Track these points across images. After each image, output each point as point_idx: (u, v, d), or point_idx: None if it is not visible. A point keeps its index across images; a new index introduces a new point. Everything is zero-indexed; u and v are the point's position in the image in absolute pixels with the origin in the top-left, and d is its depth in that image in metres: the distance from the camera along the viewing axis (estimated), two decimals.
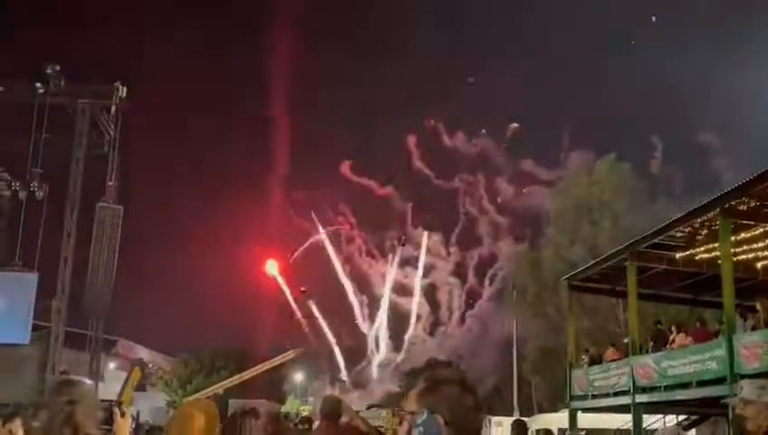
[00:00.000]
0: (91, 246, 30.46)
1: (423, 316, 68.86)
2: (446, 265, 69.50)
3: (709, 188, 27.09)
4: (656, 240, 17.46)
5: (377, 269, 71.17)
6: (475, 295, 66.92)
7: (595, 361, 20.57)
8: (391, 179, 72.24)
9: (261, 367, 29.96)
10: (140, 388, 36.40)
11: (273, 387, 40.45)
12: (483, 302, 65.01)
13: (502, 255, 61.42)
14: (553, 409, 30.29)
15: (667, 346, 17.10)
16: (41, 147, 29.58)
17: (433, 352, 56.39)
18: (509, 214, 65.69)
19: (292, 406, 41.99)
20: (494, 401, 39.77)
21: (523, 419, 16.82)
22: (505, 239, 63.42)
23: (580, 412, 20.48)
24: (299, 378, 55.90)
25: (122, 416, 3.47)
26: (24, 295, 27.82)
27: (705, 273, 18.42)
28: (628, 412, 17.99)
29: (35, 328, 28.84)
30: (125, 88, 31.49)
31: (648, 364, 16.88)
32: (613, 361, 19.38)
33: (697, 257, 18.00)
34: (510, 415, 28.84)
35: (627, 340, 19.61)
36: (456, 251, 69.41)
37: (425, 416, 2.00)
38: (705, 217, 15.85)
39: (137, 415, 27.86)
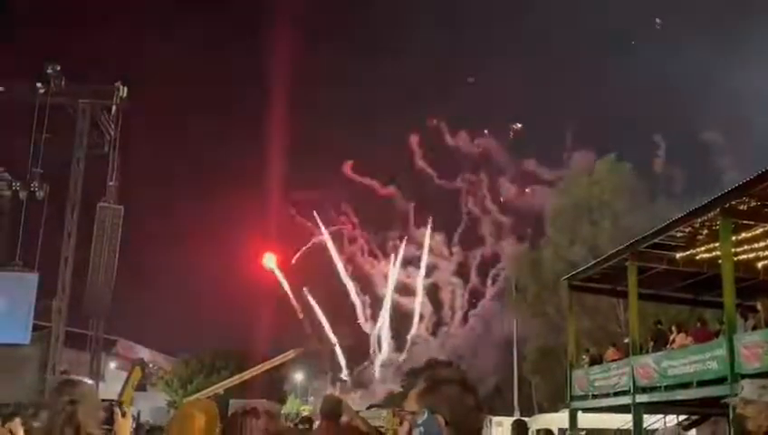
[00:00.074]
0: (92, 246, 30.45)
1: (425, 316, 68.93)
2: (449, 264, 69.55)
3: (710, 187, 27.12)
4: (656, 240, 17.44)
5: (379, 269, 71.22)
6: (477, 295, 67.02)
7: (595, 361, 20.55)
8: (393, 179, 72.36)
9: (261, 367, 29.90)
10: (141, 388, 36.41)
11: (273, 387, 40.41)
12: (485, 301, 65.05)
13: (504, 254, 61.39)
14: (554, 409, 30.24)
15: (668, 346, 17.07)
16: (41, 147, 29.59)
17: (435, 352, 56.40)
18: (512, 214, 65.73)
19: (293, 406, 42.00)
20: (495, 401, 39.74)
21: (523, 419, 16.83)
22: (508, 239, 63.38)
23: (580, 412, 20.46)
24: (299, 378, 55.89)
25: (123, 416, 3.48)
26: (25, 295, 27.82)
27: (706, 273, 18.40)
28: (628, 412, 17.97)
29: (36, 328, 28.84)
30: (125, 88, 31.48)
31: (649, 364, 16.87)
32: (614, 361, 19.35)
33: (698, 257, 17.99)
34: (510, 415, 28.84)
35: (627, 340, 19.59)
36: (459, 251, 69.50)
37: (425, 416, 2.00)
38: (705, 217, 15.84)
39: (137, 415, 27.90)
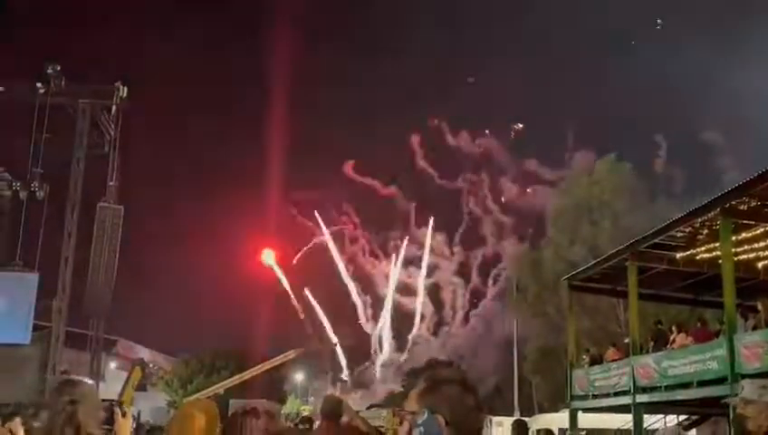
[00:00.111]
0: (92, 246, 30.45)
1: (427, 316, 68.89)
2: (450, 264, 69.50)
3: (710, 187, 27.11)
4: (656, 240, 17.43)
5: (380, 269, 71.22)
6: (478, 295, 67.01)
7: (596, 361, 20.54)
8: (395, 179, 72.35)
9: (261, 367, 29.93)
10: (141, 388, 36.42)
11: (273, 387, 40.42)
12: (486, 301, 65.04)
13: (505, 254, 61.38)
14: (554, 409, 30.24)
15: (668, 346, 17.07)
16: (41, 147, 29.58)
17: (436, 352, 56.44)
18: (513, 214, 65.73)
19: (293, 406, 41.98)
20: (495, 401, 39.74)
21: (523, 419, 16.83)
22: (509, 239, 63.37)
23: (580, 412, 20.45)
24: (300, 378, 55.85)
25: (123, 416, 3.48)
26: (25, 295, 27.82)
27: (706, 273, 18.39)
28: (628, 412, 17.96)
29: (36, 328, 28.84)
30: (125, 88, 31.46)
31: (649, 364, 16.86)
32: (614, 361, 19.34)
33: (698, 257, 17.98)
34: (510, 415, 28.84)
35: (627, 340, 19.58)
36: (460, 251, 69.47)
37: (425, 416, 2.00)
38: (705, 217, 15.83)
39: (137, 415, 27.92)
